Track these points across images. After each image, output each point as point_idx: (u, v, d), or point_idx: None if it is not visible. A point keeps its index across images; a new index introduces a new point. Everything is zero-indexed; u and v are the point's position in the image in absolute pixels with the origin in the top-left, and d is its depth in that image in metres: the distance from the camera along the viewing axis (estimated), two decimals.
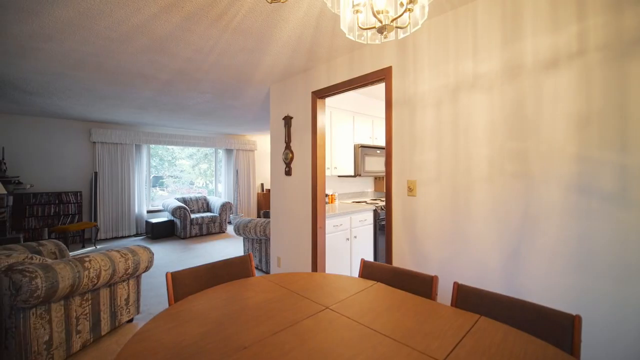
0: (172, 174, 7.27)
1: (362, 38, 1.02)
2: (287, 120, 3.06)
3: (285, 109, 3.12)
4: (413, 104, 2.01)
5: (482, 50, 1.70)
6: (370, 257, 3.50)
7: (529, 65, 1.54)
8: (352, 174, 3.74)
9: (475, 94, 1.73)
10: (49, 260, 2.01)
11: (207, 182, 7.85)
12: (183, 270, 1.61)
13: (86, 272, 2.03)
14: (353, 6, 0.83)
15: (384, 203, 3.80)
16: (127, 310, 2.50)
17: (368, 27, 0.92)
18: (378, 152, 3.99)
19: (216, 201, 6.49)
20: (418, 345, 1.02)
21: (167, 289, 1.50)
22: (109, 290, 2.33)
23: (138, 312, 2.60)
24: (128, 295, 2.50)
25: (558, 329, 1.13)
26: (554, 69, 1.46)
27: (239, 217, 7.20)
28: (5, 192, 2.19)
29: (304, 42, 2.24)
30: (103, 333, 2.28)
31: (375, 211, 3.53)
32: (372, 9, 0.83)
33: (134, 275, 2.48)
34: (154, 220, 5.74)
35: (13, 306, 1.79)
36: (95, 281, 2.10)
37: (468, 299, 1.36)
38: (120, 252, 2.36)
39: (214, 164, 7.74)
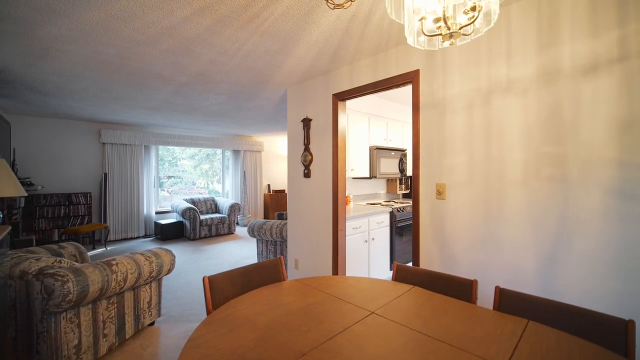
0: (174, 174, 7.27)
1: (422, 44, 1.02)
2: (306, 122, 3.05)
3: (304, 110, 3.12)
4: (442, 107, 2.02)
5: (517, 54, 1.70)
6: (386, 259, 3.50)
7: (567, 71, 1.54)
8: (368, 175, 3.75)
9: (509, 98, 1.73)
10: (77, 264, 2.00)
11: (209, 182, 7.85)
12: (219, 274, 1.61)
13: (114, 276, 2.02)
14: (426, 12, 0.84)
15: (399, 205, 3.81)
16: (150, 313, 2.49)
17: (434, 34, 0.92)
18: (392, 153, 4.00)
19: (224, 202, 6.48)
20: (476, 351, 1.02)
21: (205, 294, 1.50)
22: (133, 293, 2.32)
23: (159, 315, 2.60)
24: (150, 298, 2.49)
25: (610, 334, 1.14)
26: (594, 74, 1.47)
27: (246, 218, 7.19)
28: (26, 194, 2.18)
29: (330, 45, 2.24)
30: (127, 336, 2.27)
31: (391, 213, 3.53)
32: (444, 16, 0.83)
33: (157, 278, 2.48)
34: (163, 222, 5.73)
35: (45, 310, 1.78)
36: (122, 285, 2.09)
37: (512, 303, 1.36)
38: (144, 255, 2.35)
39: (215, 165, 7.74)
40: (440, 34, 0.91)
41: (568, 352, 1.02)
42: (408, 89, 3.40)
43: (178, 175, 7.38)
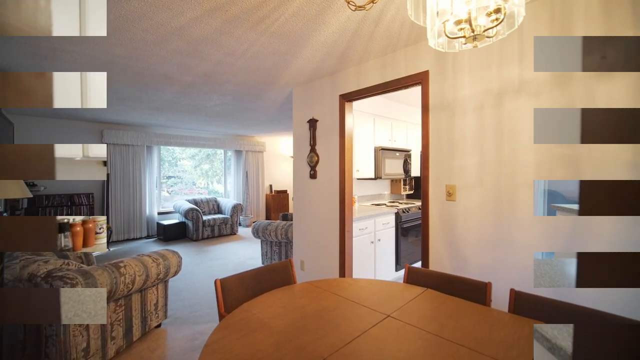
0: (174, 174, 7.26)
1: (441, 46, 1.01)
2: (312, 123, 3.04)
3: (310, 111, 3.11)
4: (452, 108, 2.01)
5: (529, 56, 1.70)
6: (392, 260, 3.49)
7: (580, 72, 1.53)
8: (373, 176, 3.74)
9: (521, 100, 1.72)
10: (85, 267, 1.99)
11: (209, 182, 7.84)
12: (230, 277, 1.61)
13: (122, 278, 2.01)
14: (451, 15, 0.83)
15: (404, 206, 3.80)
16: (156, 315, 2.47)
17: (456, 36, 0.91)
18: (397, 154, 3.99)
19: (227, 203, 6.47)
20: (496, 354, 1.02)
21: (217, 296, 1.49)
22: (140, 295, 2.30)
23: (166, 317, 2.58)
24: (157, 300, 2.47)
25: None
26: (607, 76, 1.46)
27: (249, 218, 7.18)
28: (30, 195, 2.16)
29: (339, 46, 2.23)
30: (135, 339, 2.26)
31: (397, 214, 3.53)
32: (470, 18, 0.83)
33: (164, 280, 2.46)
34: (165, 222, 5.71)
35: None
36: (130, 287, 2.08)
37: (527, 305, 1.35)
38: (151, 257, 2.34)
39: (216, 165, 7.73)
40: (464, 37, 0.90)
41: None
42: (413, 90, 3.39)
43: (178, 176, 7.37)
